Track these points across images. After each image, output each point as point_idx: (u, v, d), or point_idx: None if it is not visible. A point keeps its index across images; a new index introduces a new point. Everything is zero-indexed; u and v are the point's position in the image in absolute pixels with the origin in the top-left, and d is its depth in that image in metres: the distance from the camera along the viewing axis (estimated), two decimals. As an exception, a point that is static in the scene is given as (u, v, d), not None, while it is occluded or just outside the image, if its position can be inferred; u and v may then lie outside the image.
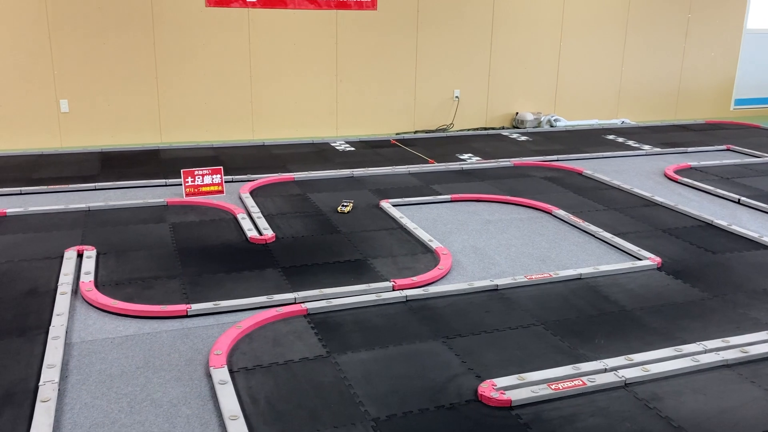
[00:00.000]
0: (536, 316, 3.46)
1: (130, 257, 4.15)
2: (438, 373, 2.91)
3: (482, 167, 6.61)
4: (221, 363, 2.92)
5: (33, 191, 5.51)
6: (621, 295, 3.73)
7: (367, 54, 8.25)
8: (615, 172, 6.48)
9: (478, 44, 8.74)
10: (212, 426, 2.55)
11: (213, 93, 7.74)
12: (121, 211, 5.04)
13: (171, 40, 7.45)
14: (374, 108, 8.45)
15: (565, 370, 2.91)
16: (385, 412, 2.63)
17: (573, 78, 9.35)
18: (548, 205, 5.29)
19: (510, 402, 2.68)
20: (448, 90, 8.76)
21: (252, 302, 3.50)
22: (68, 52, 7.14)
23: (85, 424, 2.54)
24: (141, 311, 3.40)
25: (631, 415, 2.64)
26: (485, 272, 4.06)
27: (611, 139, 8.11)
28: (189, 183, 5.40)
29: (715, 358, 3.04)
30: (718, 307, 3.63)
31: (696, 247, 4.51)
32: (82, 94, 7.28)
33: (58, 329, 3.18)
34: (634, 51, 9.58)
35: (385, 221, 4.93)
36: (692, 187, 6.04)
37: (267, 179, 5.95)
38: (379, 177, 6.18)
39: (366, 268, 4.05)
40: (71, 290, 3.63)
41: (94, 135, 7.42)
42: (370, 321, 3.38)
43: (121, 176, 5.96)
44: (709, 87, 10.20)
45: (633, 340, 3.23)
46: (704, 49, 9.95)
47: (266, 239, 4.48)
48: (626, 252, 4.39)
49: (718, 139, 8.24)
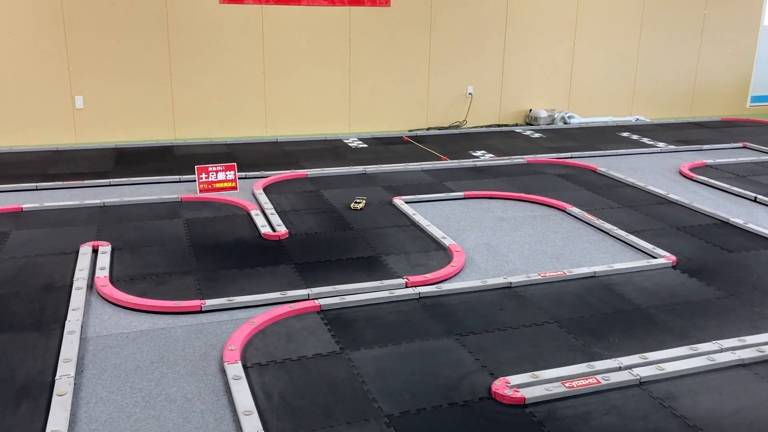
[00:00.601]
0: (550, 314, 3.45)
1: (144, 253, 4.18)
2: (451, 370, 2.91)
3: (495, 164, 6.59)
4: (235, 358, 2.93)
5: (49, 187, 5.55)
6: (635, 294, 3.71)
7: (380, 50, 8.25)
8: (629, 170, 6.44)
9: (491, 40, 8.70)
10: (226, 421, 2.56)
11: (226, 89, 7.76)
12: (136, 207, 5.07)
13: (185, 37, 7.48)
14: (387, 104, 8.44)
15: (579, 368, 2.89)
16: (398, 409, 2.63)
17: (587, 75, 9.30)
18: (562, 203, 5.27)
19: (524, 400, 2.68)
20: (461, 86, 8.73)
21: (265, 298, 3.51)
22: (83, 49, 7.18)
23: (101, 418, 2.56)
24: (155, 307, 3.43)
25: (645, 413, 2.63)
26: (499, 270, 4.05)
27: (626, 137, 8.06)
28: (203, 179, 5.42)
29: (731, 357, 3.01)
30: (734, 305, 3.60)
31: (712, 246, 4.47)
32: (96, 90, 7.33)
33: (74, 324, 3.21)
34: (649, 47, 9.51)
35: (398, 218, 4.92)
36: (708, 184, 5.99)
37: (280, 176, 5.96)
38: (392, 174, 6.18)
39: (379, 264, 4.05)
40: (87, 285, 3.66)
41: (109, 131, 7.46)
42: (383, 318, 3.38)
43: (135, 172, 6.00)
44: (725, 84, 10.10)
45: (648, 339, 3.21)
46: (720, 46, 9.86)
47: (279, 235, 4.49)
48: (641, 250, 4.36)
49: (734, 136, 8.17)
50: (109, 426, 2.51)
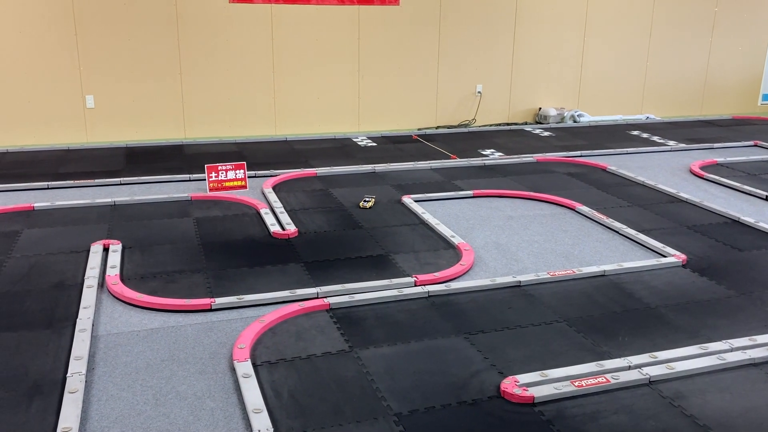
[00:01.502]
0: (559, 313, 3.45)
1: (155, 251, 4.20)
2: (460, 369, 2.91)
3: (505, 163, 6.58)
4: (245, 357, 2.94)
5: (60, 186, 5.59)
6: (645, 293, 3.70)
7: (389, 49, 8.24)
8: (639, 168, 6.41)
9: (500, 38, 8.68)
10: (236, 419, 2.57)
11: (236, 89, 7.78)
12: (146, 206, 5.10)
13: (195, 36, 7.50)
14: (396, 103, 8.44)
15: (588, 367, 2.89)
16: (407, 407, 2.64)
17: (597, 73, 9.26)
18: (571, 202, 5.25)
19: (533, 399, 2.67)
20: (470, 85, 8.72)
21: (275, 297, 3.53)
22: (94, 49, 7.22)
23: (112, 415, 2.58)
24: (166, 305, 3.44)
25: (655, 413, 2.62)
26: (508, 268, 4.05)
27: (636, 135, 8.03)
28: (213, 178, 5.44)
29: (742, 356, 3.00)
30: (745, 305, 3.58)
31: (722, 245, 4.45)
32: (107, 90, 7.36)
33: (85, 322, 3.23)
34: (660, 45, 9.45)
35: (407, 217, 4.92)
36: (718, 183, 5.95)
37: (289, 174, 5.97)
38: (401, 172, 6.18)
39: (388, 263, 4.05)
40: (97, 283, 3.68)
41: (119, 130, 7.50)
42: (392, 316, 3.38)
43: (145, 171, 6.02)
44: (736, 82, 10.03)
45: (657, 338, 3.20)
46: (731, 43, 9.79)
47: (289, 234, 4.50)
48: (651, 249, 4.35)
49: (746, 134, 8.11)
50: (119, 423, 2.53)
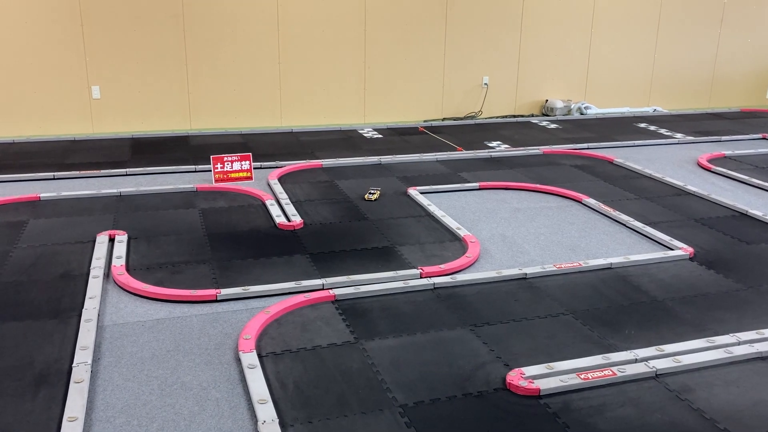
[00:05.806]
0: (565, 305, 3.43)
1: (160, 242, 4.20)
2: (466, 361, 2.90)
3: (511, 155, 6.56)
4: (250, 347, 2.94)
5: (66, 176, 5.60)
6: (652, 285, 3.68)
7: (395, 41, 8.21)
8: (646, 161, 6.38)
9: (507, 30, 8.64)
10: (241, 409, 2.58)
11: (242, 80, 7.77)
12: (152, 197, 5.10)
13: (201, 27, 7.48)
14: (402, 95, 8.41)
15: (594, 360, 2.88)
16: (412, 399, 2.63)
17: (604, 65, 9.20)
18: (578, 194, 5.23)
19: (539, 391, 2.67)
20: (476, 77, 8.68)
21: (280, 288, 3.52)
22: (100, 40, 7.21)
23: (117, 405, 2.59)
24: (171, 295, 3.44)
25: (661, 406, 2.61)
26: (514, 261, 4.03)
27: (643, 128, 7.98)
28: (218, 169, 5.44)
29: (749, 350, 2.98)
30: (753, 298, 3.56)
31: (730, 237, 4.42)
32: (113, 81, 7.36)
33: (91, 312, 3.23)
34: (668, 37, 9.39)
35: (413, 208, 4.91)
36: (726, 176, 5.92)
37: (295, 166, 5.96)
38: (407, 164, 6.16)
39: (393, 255, 4.04)
40: (103, 274, 3.69)
41: (125, 121, 7.50)
42: (398, 308, 3.38)
43: (151, 162, 6.02)
44: (745, 74, 9.96)
45: (664, 331, 3.18)
46: (740, 36, 9.72)
47: (294, 225, 4.50)
48: (658, 242, 4.32)
49: (754, 127, 8.06)
50: (125, 413, 2.54)
